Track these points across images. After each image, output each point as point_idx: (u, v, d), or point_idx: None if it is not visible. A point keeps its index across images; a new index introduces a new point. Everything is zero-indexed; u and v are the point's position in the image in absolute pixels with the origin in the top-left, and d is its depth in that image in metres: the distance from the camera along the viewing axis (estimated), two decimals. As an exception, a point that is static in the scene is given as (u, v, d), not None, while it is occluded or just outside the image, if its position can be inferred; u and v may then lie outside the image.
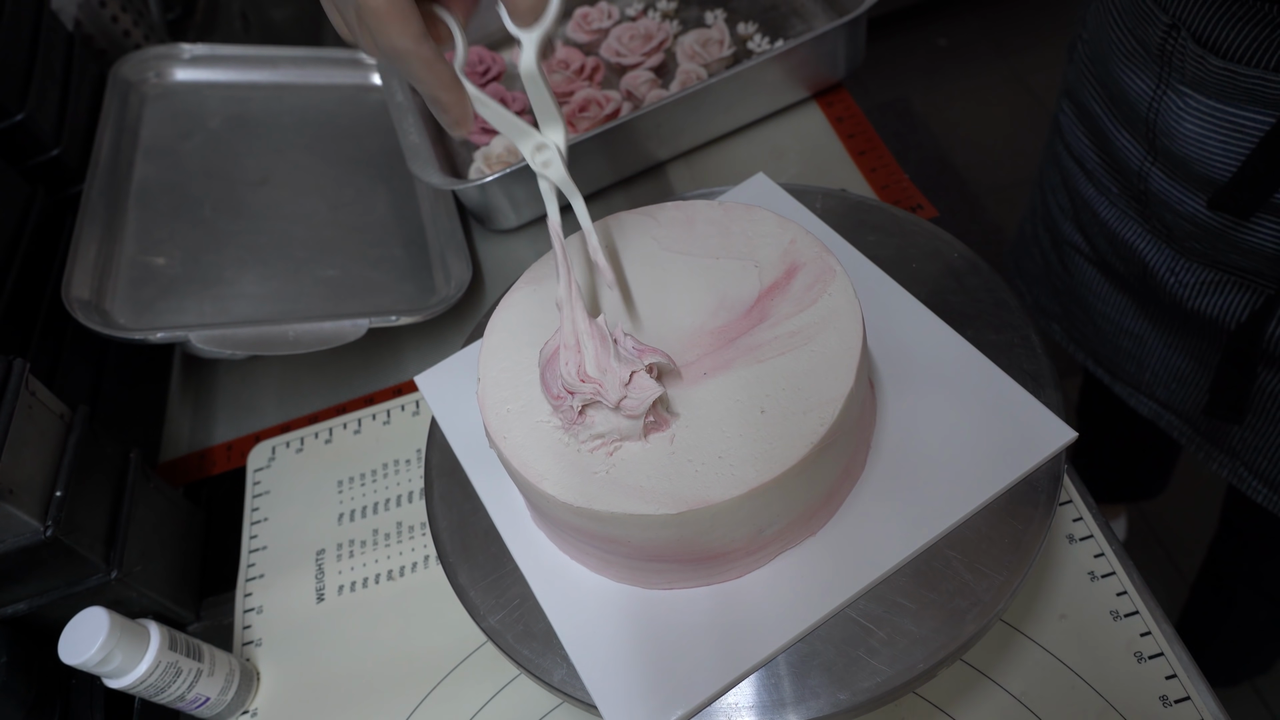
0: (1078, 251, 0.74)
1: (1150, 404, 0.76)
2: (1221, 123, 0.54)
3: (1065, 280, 0.78)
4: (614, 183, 0.74)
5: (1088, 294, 0.75)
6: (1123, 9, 0.59)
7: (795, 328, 0.41)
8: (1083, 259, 0.74)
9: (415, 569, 0.56)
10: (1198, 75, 0.54)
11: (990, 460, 0.42)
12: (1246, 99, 0.52)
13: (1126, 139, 0.62)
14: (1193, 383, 0.70)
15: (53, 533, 0.47)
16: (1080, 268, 0.75)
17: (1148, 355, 0.72)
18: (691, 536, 0.38)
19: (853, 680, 0.38)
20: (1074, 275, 0.76)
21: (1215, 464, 0.72)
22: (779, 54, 0.69)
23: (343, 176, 0.77)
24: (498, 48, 0.86)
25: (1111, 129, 0.64)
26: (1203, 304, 0.63)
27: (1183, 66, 0.55)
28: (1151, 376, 0.73)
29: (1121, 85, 0.61)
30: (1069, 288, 0.78)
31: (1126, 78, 0.60)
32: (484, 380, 0.43)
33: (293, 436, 0.65)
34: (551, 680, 0.41)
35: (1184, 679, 0.43)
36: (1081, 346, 0.81)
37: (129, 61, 0.79)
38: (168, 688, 0.47)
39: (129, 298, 0.63)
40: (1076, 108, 0.69)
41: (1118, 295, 0.72)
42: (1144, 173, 0.62)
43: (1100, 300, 0.74)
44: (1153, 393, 0.75)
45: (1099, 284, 0.73)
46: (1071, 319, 0.81)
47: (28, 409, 0.48)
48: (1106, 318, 0.74)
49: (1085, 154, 0.69)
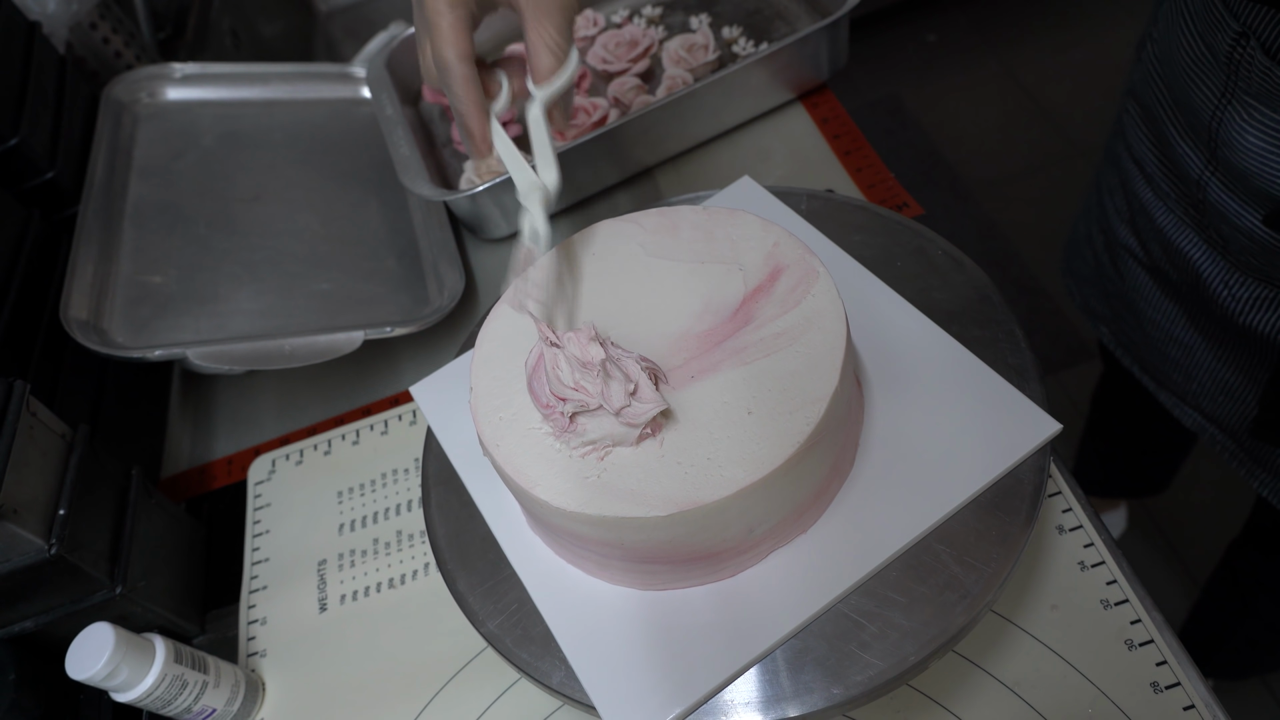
0: (1131, 256, 0.72)
1: (1195, 415, 0.75)
2: None
3: (1117, 284, 0.76)
4: (603, 189, 0.75)
5: (1139, 299, 0.73)
6: (1194, 12, 0.57)
7: (780, 329, 0.41)
8: (1136, 263, 0.72)
9: (416, 577, 0.57)
10: (1264, 88, 0.52)
11: (977, 454, 0.43)
12: None
13: (1188, 146, 0.60)
14: (1240, 398, 0.68)
15: (57, 551, 0.48)
16: (1133, 272, 0.73)
17: (1196, 366, 0.71)
18: (683, 537, 0.39)
19: (846, 674, 0.39)
20: (1126, 279, 0.74)
21: (1257, 482, 0.70)
22: (762, 57, 0.69)
23: (335, 190, 0.78)
24: (485, 58, 0.87)
25: (1173, 134, 0.62)
26: (1255, 320, 0.61)
27: (1250, 77, 0.52)
28: (1198, 388, 0.72)
29: (1186, 90, 0.58)
30: (1120, 291, 0.76)
31: (1192, 83, 0.57)
32: (476, 390, 0.44)
33: (292, 449, 0.65)
34: (550, 682, 0.42)
35: (1174, 665, 0.44)
36: (1129, 351, 0.80)
37: (121, 82, 0.79)
38: (174, 700, 0.48)
39: (126, 317, 0.64)
40: (1141, 109, 0.67)
41: (1169, 303, 0.70)
42: (1203, 182, 0.60)
43: (1151, 307, 0.72)
44: (1199, 404, 0.73)
45: (1151, 290, 0.72)
46: (1121, 323, 0.79)
47: (29, 429, 0.49)
48: (1156, 325, 0.72)
49: (1146, 157, 0.67)
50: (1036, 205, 1.76)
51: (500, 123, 0.47)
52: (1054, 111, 1.91)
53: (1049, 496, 0.50)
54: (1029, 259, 1.68)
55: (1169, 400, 0.77)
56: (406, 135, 0.74)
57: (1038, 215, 1.74)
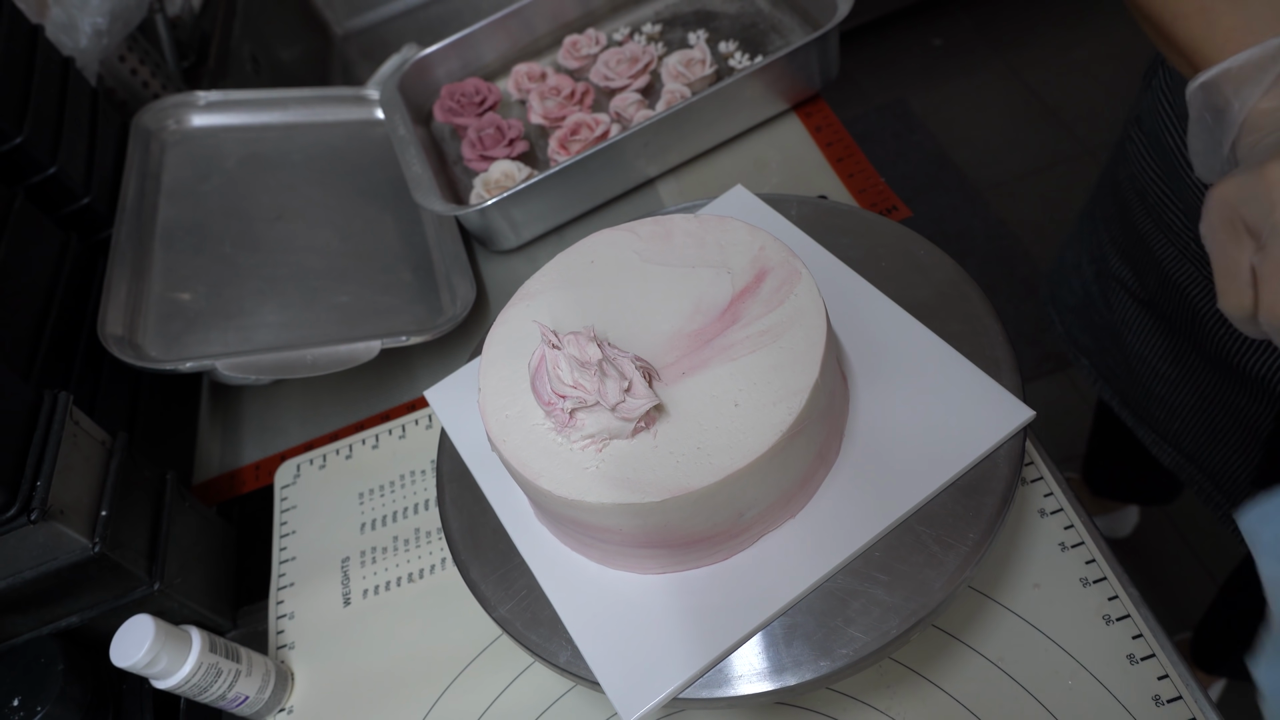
0: (1123, 287, 0.71)
1: (1174, 454, 0.74)
2: None
3: (1105, 315, 0.75)
4: (606, 201, 0.78)
5: (1126, 332, 0.72)
6: None
7: (765, 327, 0.44)
8: (1128, 295, 0.71)
9: (434, 571, 0.60)
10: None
11: (955, 441, 0.45)
12: None
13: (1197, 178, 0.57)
14: (1225, 440, 0.67)
15: (100, 549, 0.51)
16: (1123, 304, 0.72)
17: (1180, 404, 0.70)
18: (677, 522, 0.41)
19: (833, 648, 0.42)
20: (1115, 310, 0.73)
21: (1232, 527, 0.69)
22: (756, 70, 0.72)
23: (352, 208, 0.82)
24: (493, 78, 0.91)
25: (1183, 165, 0.61)
26: (1251, 362, 0.60)
27: None
28: (1180, 426, 0.71)
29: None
30: (1108, 323, 0.75)
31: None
32: (484, 390, 0.47)
33: (315, 454, 0.69)
34: (558, 662, 0.45)
35: (1149, 638, 0.46)
36: (1110, 384, 0.79)
37: (149, 111, 0.84)
38: (210, 687, 0.52)
39: (159, 332, 0.68)
40: (1147, 137, 0.65)
41: (1159, 337, 0.69)
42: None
43: (1139, 340, 0.71)
44: (1179, 443, 0.72)
45: (1140, 323, 0.70)
46: (1104, 354, 0.78)
47: (73, 437, 0.53)
48: (1142, 359, 0.71)
49: (1150, 187, 0.65)
50: (1044, 205, 1.78)
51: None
52: (1060, 111, 1.92)
53: (1031, 481, 0.53)
54: (1038, 258, 1.69)
55: (1148, 437, 0.77)
56: (419, 154, 0.78)
57: (1045, 215, 1.76)
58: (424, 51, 0.88)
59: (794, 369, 0.42)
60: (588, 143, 0.77)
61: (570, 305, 0.48)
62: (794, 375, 0.42)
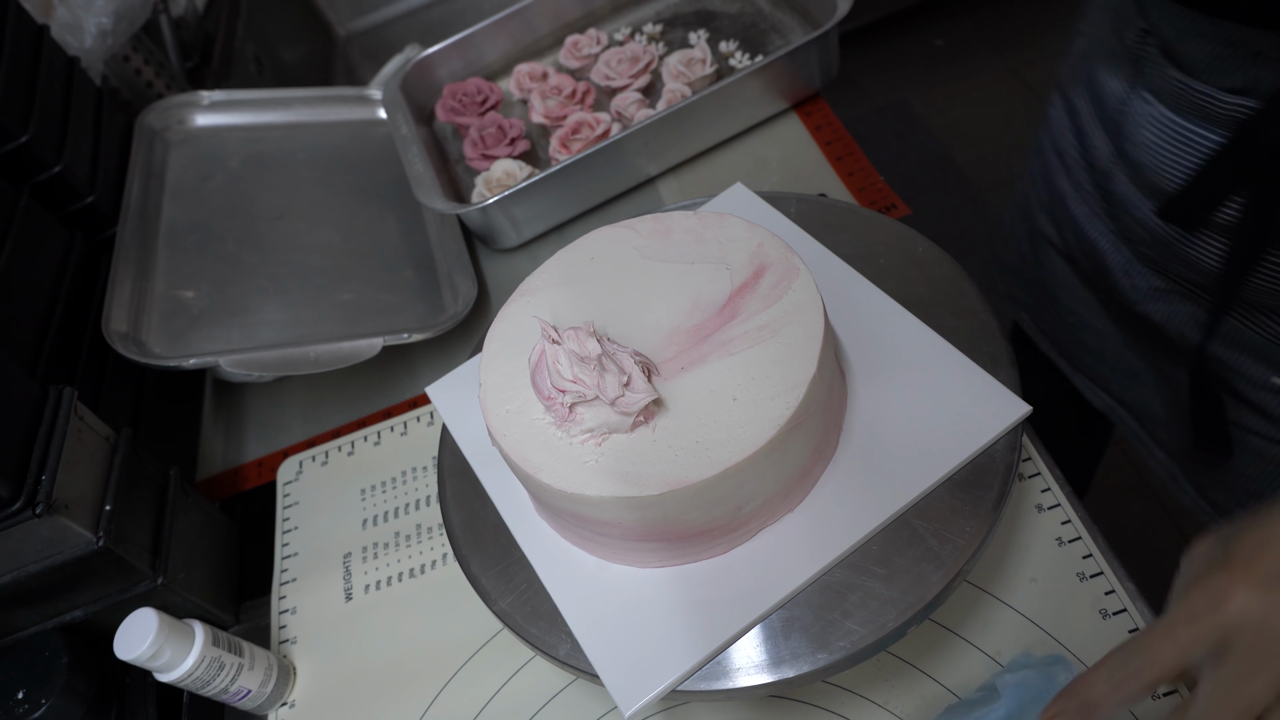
0: (1050, 244, 0.76)
1: (1106, 397, 0.79)
2: (1175, 134, 0.54)
3: (1037, 272, 0.80)
4: (607, 199, 0.78)
5: (1056, 287, 0.77)
6: (1114, 7, 0.59)
7: (763, 322, 0.44)
8: (1054, 252, 0.76)
9: (434, 566, 0.60)
10: (1159, 84, 0.55)
11: (952, 436, 0.46)
12: (1199, 114, 0.52)
13: (1101, 137, 0.63)
14: (1143, 381, 0.72)
15: (104, 543, 0.52)
16: (1051, 260, 0.77)
17: (1107, 350, 0.74)
18: (676, 515, 0.42)
19: (830, 641, 0.42)
20: (1045, 267, 0.78)
21: (1154, 462, 0.75)
22: (756, 69, 0.73)
23: (354, 207, 0.83)
24: (495, 78, 0.91)
25: (1088, 124, 0.65)
26: (1151, 310, 0.65)
27: (1149, 73, 0.55)
28: (1109, 371, 0.76)
29: (1100, 83, 0.62)
30: (1040, 279, 0.80)
31: (1104, 76, 0.61)
32: (485, 385, 0.47)
33: (318, 451, 0.69)
34: (558, 655, 0.45)
35: (1146, 632, 0.46)
36: (1047, 336, 0.84)
37: (153, 111, 0.84)
38: (212, 681, 0.52)
39: (163, 329, 0.68)
40: (1065, 101, 0.70)
41: (1083, 290, 0.74)
42: (1109, 172, 0.63)
43: (1067, 294, 0.76)
44: (1109, 387, 0.77)
45: (1067, 278, 0.75)
46: (1040, 309, 0.83)
47: (77, 432, 0.53)
48: (1072, 311, 0.76)
49: (1067, 148, 0.69)
50: (1045, 205, 1.78)
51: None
52: (1061, 111, 1.92)
53: (1029, 477, 0.53)
54: (1039, 258, 1.69)
55: (1083, 383, 0.81)
56: (421, 153, 0.78)
57: (1047, 214, 1.76)
58: (426, 51, 0.88)
59: (792, 364, 0.43)
60: (589, 142, 0.77)
61: (570, 301, 0.49)
62: (792, 370, 0.42)
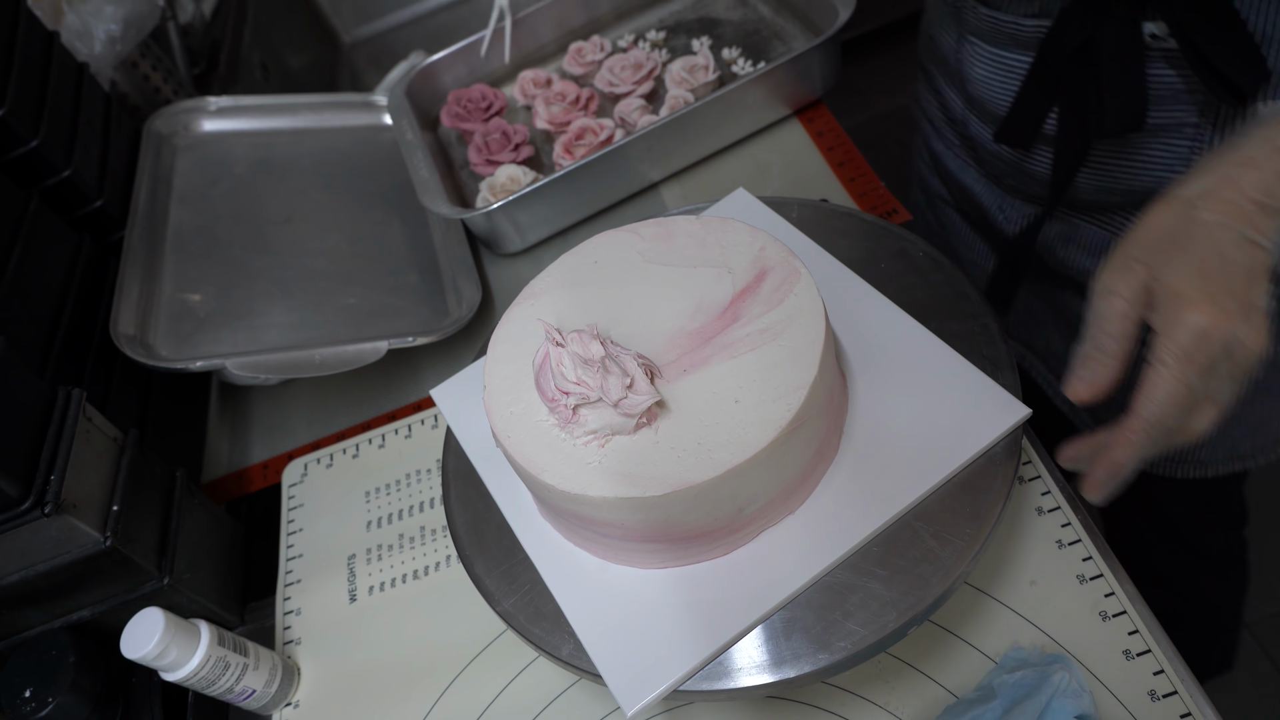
0: (944, 201, 0.81)
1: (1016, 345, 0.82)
2: (997, 65, 0.62)
3: (940, 234, 0.85)
4: (610, 204, 0.79)
5: (957, 242, 0.82)
6: None
7: (765, 325, 0.45)
8: (947, 206, 0.81)
9: (438, 568, 0.61)
10: (976, 24, 0.62)
11: (952, 438, 0.46)
12: (1010, 42, 0.60)
13: (952, 92, 0.70)
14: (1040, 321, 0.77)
15: (112, 542, 0.52)
16: (948, 216, 0.82)
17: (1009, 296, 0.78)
18: (678, 516, 0.42)
19: (831, 641, 0.42)
20: (946, 227, 0.83)
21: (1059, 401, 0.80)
22: (759, 76, 0.73)
23: (360, 212, 0.83)
24: (499, 84, 0.92)
25: (942, 85, 0.72)
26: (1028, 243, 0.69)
27: (968, 18, 0.63)
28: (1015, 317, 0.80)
29: (939, 43, 0.69)
30: (945, 242, 0.84)
31: (940, 35, 0.68)
32: (489, 387, 0.48)
33: (323, 453, 0.70)
34: (560, 655, 0.45)
35: (1145, 634, 0.47)
36: None
37: (161, 116, 0.85)
38: (218, 680, 0.52)
39: (169, 331, 0.69)
40: (924, 72, 0.77)
41: (974, 237, 0.79)
42: (964, 119, 0.69)
43: (965, 245, 0.81)
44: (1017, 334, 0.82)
45: (962, 229, 0.81)
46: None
47: (85, 433, 0.54)
48: (973, 264, 0.81)
49: (933, 112, 0.76)
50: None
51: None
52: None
53: (1029, 480, 0.54)
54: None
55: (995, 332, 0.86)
56: (426, 158, 0.79)
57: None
58: (431, 58, 0.89)
59: (793, 366, 0.43)
60: (592, 147, 0.78)
61: (574, 304, 0.49)
62: (793, 372, 0.43)
